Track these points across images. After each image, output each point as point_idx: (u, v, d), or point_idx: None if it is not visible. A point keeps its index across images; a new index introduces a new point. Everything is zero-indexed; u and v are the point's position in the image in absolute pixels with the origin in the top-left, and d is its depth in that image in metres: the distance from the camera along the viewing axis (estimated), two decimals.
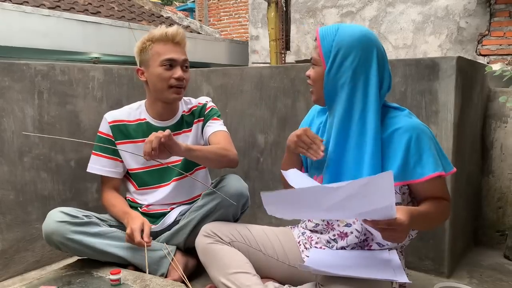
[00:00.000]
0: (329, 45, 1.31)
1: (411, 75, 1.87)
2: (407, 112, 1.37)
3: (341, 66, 1.30)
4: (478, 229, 2.30)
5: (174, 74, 1.70)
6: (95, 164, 1.79)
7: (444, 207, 1.34)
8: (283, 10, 5.76)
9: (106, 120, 1.80)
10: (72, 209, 1.65)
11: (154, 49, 1.71)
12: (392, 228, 1.13)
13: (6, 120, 1.86)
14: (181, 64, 1.72)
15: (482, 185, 2.30)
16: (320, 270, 1.25)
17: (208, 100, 1.91)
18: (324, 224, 1.46)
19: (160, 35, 1.71)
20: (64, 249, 1.62)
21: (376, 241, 1.37)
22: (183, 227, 1.71)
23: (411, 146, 1.28)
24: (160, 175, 1.81)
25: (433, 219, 1.31)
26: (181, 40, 1.74)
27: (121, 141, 1.79)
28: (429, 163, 1.28)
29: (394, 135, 1.30)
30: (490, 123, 2.27)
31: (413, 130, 1.29)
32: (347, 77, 1.31)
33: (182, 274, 1.60)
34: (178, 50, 1.72)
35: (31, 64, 1.95)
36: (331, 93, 1.34)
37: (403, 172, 1.28)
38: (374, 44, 1.33)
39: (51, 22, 6.71)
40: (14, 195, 1.90)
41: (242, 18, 11.73)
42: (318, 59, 1.34)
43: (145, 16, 9.70)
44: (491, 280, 1.85)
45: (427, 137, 1.31)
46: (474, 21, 5.73)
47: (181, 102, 1.88)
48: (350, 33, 1.31)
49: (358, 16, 6.62)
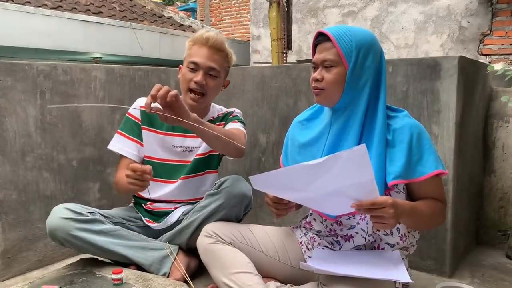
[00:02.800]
0: (348, 45, 1.28)
1: (412, 75, 1.87)
2: (406, 113, 1.38)
3: (363, 65, 1.30)
4: (480, 229, 2.30)
5: (194, 77, 1.71)
6: (118, 143, 1.80)
7: (438, 208, 1.34)
8: (285, 10, 5.76)
9: (138, 104, 1.83)
10: (76, 206, 1.66)
11: (191, 49, 1.75)
12: (378, 209, 1.14)
13: (9, 120, 1.87)
14: (205, 70, 1.72)
15: (484, 184, 2.29)
16: (322, 269, 1.25)
17: (237, 110, 1.93)
18: (326, 231, 1.46)
19: (198, 36, 1.74)
20: (68, 245, 1.63)
21: (385, 241, 1.37)
22: (185, 227, 1.72)
23: (413, 145, 1.29)
24: (171, 170, 1.82)
25: (425, 216, 1.30)
26: (215, 46, 1.72)
27: (146, 127, 1.81)
28: (429, 161, 1.29)
29: (395, 135, 1.31)
30: (492, 122, 2.27)
31: (414, 129, 1.30)
32: (368, 76, 1.31)
33: (184, 274, 1.60)
34: (209, 56, 1.71)
35: (33, 64, 1.95)
36: (351, 93, 1.32)
37: (406, 171, 1.28)
38: (380, 46, 1.35)
39: (53, 22, 6.72)
40: (16, 194, 1.90)
41: (243, 18, 11.73)
42: (336, 59, 1.30)
43: (147, 16, 9.71)
44: (493, 279, 1.85)
45: (427, 135, 1.32)
46: (476, 21, 5.72)
47: (214, 109, 1.90)
48: (363, 34, 1.31)
49: (359, 15, 6.62)
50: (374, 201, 1.14)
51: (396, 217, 1.17)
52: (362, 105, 1.32)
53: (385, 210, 1.14)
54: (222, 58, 1.77)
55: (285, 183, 1.24)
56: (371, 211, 1.16)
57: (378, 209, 1.15)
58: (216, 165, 1.90)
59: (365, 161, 1.09)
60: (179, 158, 1.83)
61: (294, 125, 1.58)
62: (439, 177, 1.34)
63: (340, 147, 1.37)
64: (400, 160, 1.28)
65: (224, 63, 1.78)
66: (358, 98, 1.33)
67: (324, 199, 1.25)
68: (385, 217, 1.15)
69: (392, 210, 1.15)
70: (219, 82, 1.79)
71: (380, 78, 1.33)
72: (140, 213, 1.85)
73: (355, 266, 1.29)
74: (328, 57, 1.31)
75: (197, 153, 1.83)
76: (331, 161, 1.12)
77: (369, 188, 1.14)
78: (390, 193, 1.32)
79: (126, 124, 1.82)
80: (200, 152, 1.83)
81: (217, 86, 1.78)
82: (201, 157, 1.83)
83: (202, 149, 1.83)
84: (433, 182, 1.32)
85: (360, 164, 1.10)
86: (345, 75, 1.30)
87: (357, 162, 1.10)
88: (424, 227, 1.39)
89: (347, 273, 1.22)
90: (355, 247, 1.39)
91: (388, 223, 1.16)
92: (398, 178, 1.27)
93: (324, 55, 1.32)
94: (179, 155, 1.83)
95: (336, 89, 1.32)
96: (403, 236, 1.35)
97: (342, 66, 1.30)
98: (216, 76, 1.75)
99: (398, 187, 1.32)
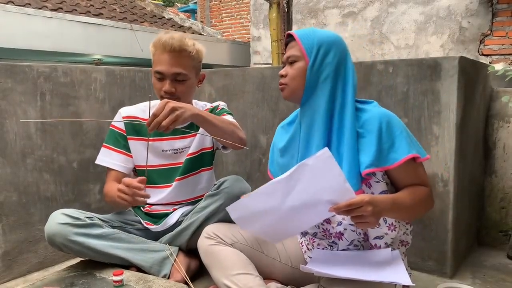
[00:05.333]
0: (310, 42, 1.36)
1: (413, 75, 1.87)
2: (375, 103, 1.41)
3: (323, 60, 1.35)
4: (481, 229, 2.29)
5: (163, 87, 1.68)
6: (105, 156, 1.78)
7: (423, 193, 1.33)
8: (285, 11, 5.75)
9: (120, 115, 1.81)
10: (74, 211, 1.65)
11: (154, 56, 1.71)
12: (356, 209, 1.15)
13: (9, 121, 1.87)
14: (172, 77, 1.67)
15: (485, 185, 2.29)
16: (322, 272, 1.25)
17: (221, 103, 1.91)
18: (320, 231, 1.46)
19: (156, 42, 1.69)
20: (67, 250, 1.62)
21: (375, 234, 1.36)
22: (185, 228, 1.71)
23: (383, 132, 1.30)
24: (165, 174, 1.81)
25: (409, 205, 1.29)
26: (174, 50, 1.65)
27: (132, 136, 1.79)
28: (401, 147, 1.29)
29: (365, 126, 1.33)
30: (492, 123, 2.27)
31: (383, 117, 1.32)
32: (329, 71, 1.36)
33: (184, 275, 1.60)
34: (171, 62, 1.65)
35: (33, 65, 1.95)
36: (312, 87, 1.37)
37: (378, 158, 1.29)
38: (346, 47, 1.41)
39: (53, 24, 6.72)
40: (16, 196, 1.90)
41: (243, 19, 11.73)
42: (298, 55, 1.38)
43: (147, 17, 9.72)
44: (494, 280, 1.85)
45: (397, 123, 1.33)
46: (476, 21, 5.72)
47: (197, 106, 1.88)
48: (327, 34, 1.40)
49: (359, 16, 6.61)
50: (350, 202, 1.15)
51: (376, 214, 1.17)
52: (324, 99, 1.36)
53: (362, 209, 1.15)
54: (186, 59, 1.68)
55: (263, 205, 1.23)
56: (350, 212, 1.16)
57: (356, 209, 1.16)
58: (210, 162, 1.90)
59: (332, 163, 1.12)
60: (171, 161, 1.82)
61: (277, 131, 1.61)
62: (417, 161, 1.33)
63: (310, 144, 1.39)
64: (371, 149, 1.29)
65: (190, 62, 1.70)
66: (320, 93, 1.37)
67: (304, 213, 1.25)
68: (365, 215, 1.16)
69: (370, 207, 1.15)
70: (190, 83, 1.73)
71: (345, 75, 1.37)
72: (139, 216, 1.84)
73: (355, 268, 1.29)
74: (292, 53, 1.39)
75: (189, 152, 1.82)
76: (299, 171, 1.14)
77: (342, 189, 1.15)
78: (370, 183, 1.32)
79: (111, 136, 1.79)
80: (192, 151, 1.82)
81: (189, 87, 1.73)
82: (193, 156, 1.82)
83: (193, 148, 1.82)
84: (411, 167, 1.32)
85: (328, 168, 1.12)
86: (306, 70, 1.36)
87: (324, 166, 1.12)
88: (412, 216, 1.37)
89: (347, 276, 1.22)
90: (350, 243, 1.39)
91: (369, 221, 1.17)
92: (371, 167, 1.28)
93: (289, 52, 1.41)
94: (171, 158, 1.82)
95: (298, 83, 1.38)
96: (390, 225, 1.35)
97: (304, 61, 1.37)
98: (185, 80, 1.70)
99: (376, 176, 1.32)
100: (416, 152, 1.31)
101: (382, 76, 1.94)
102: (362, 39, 6.55)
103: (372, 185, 1.32)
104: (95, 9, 8.43)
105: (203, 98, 2.48)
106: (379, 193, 1.31)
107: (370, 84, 1.97)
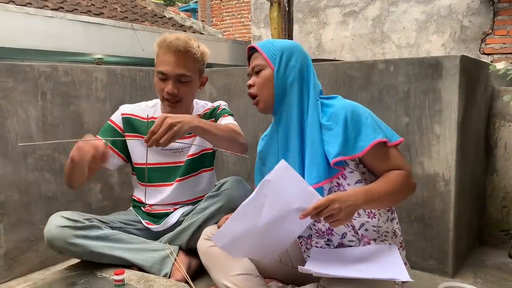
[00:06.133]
0: (272, 50, 1.41)
1: (414, 74, 1.86)
2: (339, 97, 1.43)
3: (288, 64, 1.40)
4: (483, 229, 2.29)
5: (165, 88, 1.67)
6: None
7: (398, 177, 1.31)
8: (286, 10, 5.74)
9: (120, 111, 1.81)
10: (73, 213, 1.64)
11: (158, 56, 1.70)
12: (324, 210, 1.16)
13: (10, 121, 1.87)
14: (175, 78, 1.66)
15: (486, 184, 2.29)
16: (320, 272, 1.25)
17: (222, 103, 1.91)
18: (314, 232, 1.46)
19: (161, 42, 1.68)
20: (67, 253, 1.61)
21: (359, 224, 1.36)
22: (185, 228, 1.71)
23: (348, 122, 1.31)
24: (164, 173, 1.81)
25: (386, 192, 1.28)
26: (179, 51, 1.64)
27: (129, 134, 1.79)
28: (367, 134, 1.31)
29: (332, 119, 1.34)
30: (494, 122, 2.26)
31: (347, 108, 1.33)
32: (295, 74, 1.39)
33: (185, 275, 1.60)
34: (175, 63, 1.65)
35: (34, 65, 1.95)
36: (281, 93, 1.40)
37: (344, 148, 1.30)
38: (306, 52, 1.46)
39: (54, 24, 6.72)
40: (18, 196, 1.90)
41: (244, 18, 11.73)
42: (263, 63, 1.41)
43: (148, 17, 9.71)
44: (495, 279, 1.84)
45: (362, 111, 1.34)
46: (478, 20, 5.71)
47: (198, 106, 1.88)
48: (286, 41, 1.46)
49: (361, 15, 6.60)
50: (316, 205, 1.16)
51: (347, 209, 1.18)
52: (295, 101, 1.39)
53: (329, 208, 1.16)
54: (191, 60, 1.68)
55: (241, 229, 1.26)
56: (319, 214, 1.17)
57: (324, 210, 1.17)
58: (210, 163, 1.90)
59: (291, 173, 1.18)
60: (171, 160, 1.81)
61: (259, 143, 1.64)
62: (388, 146, 1.33)
63: (289, 148, 1.42)
64: (337, 139, 1.30)
65: (194, 64, 1.70)
66: (289, 98, 1.40)
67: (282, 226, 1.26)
68: (335, 214, 1.17)
69: (337, 205, 1.16)
70: (193, 85, 1.72)
71: (308, 76, 1.41)
72: (139, 216, 1.84)
73: (353, 266, 1.28)
74: (257, 63, 1.43)
75: (189, 153, 1.82)
76: (263, 188, 1.19)
77: (307, 194, 1.19)
78: (345, 175, 1.33)
79: (106, 130, 1.77)
80: (192, 152, 1.82)
81: (191, 89, 1.72)
82: (194, 157, 1.82)
83: (193, 149, 1.82)
84: (381, 152, 1.32)
85: (288, 178, 1.18)
86: (272, 76, 1.40)
87: (285, 177, 1.17)
88: (392, 202, 1.36)
89: (346, 275, 1.22)
90: (342, 237, 1.39)
91: (340, 218, 1.18)
92: (338, 156, 1.29)
93: (253, 63, 1.44)
94: (171, 157, 1.81)
95: (267, 91, 1.41)
96: (370, 213, 1.35)
97: (269, 69, 1.41)
98: (188, 81, 1.69)
99: (350, 166, 1.33)
100: (384, 137, 1.31)
101: (383, 75, 1.94)
102: (363, 38, 6.54)
103: (347, 176, 1.34)
104: (96, 9, 8.43)
105: (204, 98, 2.47)
106: (354, 182, 1.33)
107: (371, 83, 1.97)
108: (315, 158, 1.33)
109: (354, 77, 2.01)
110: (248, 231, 1.26)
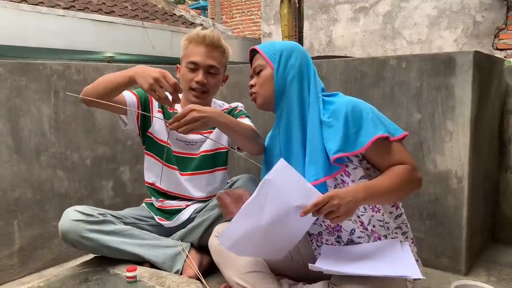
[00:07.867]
0: (272, 50, 1.45)
1: (426, 71, 1.85)
2: (340, 94, 1.44)
3: (287, 63, 1.43)
4: (496, 226, 2.26)
5: (195, 77, 1.72)
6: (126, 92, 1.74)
7: (401, 172, 1.29)
8: (296, 6, 5.71)
9: None
10: (87, 208, 1.66)
11: (187, 49, 1.75)
12: (324, 207, 1.16)
13: (23, 119, 1.89)
14: (205, 69, 1.73)
15: (500, 181, 2.26)
16: (331, 270, 1.24)
17: (240, 104, 1.93)
18: (324, 229, 1.45)
19: (193, 35, 1.74)
20: (80, 247, 1.63)
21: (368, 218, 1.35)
22: (197, 225, 1.72)
23: (349, 118, 1.31)
24: (180, 161, 1.82)
25: (389, 188, 1.26)
26: (213, 43, 1.73)
27: (161, 110, 1.82)
28: (368, 130, 1.30)
29: (333, 115, 1.35)
30: (508, 118, 2.23)
31: (348, 104, 1.33)
32: (294, 73, 1.42)
33: (197, 271, 1.61)
34: (207, 54, 1.72)
35: (47, 64, 1.97)
36: (281, 90, 1.43)
37: (345, 144, 1.29)
38: (306, 52, 1.49)
39: (66, 22, 6.77)
40: (31, 193, 1.93)
41: (254, 15, 11.70)
42: (263, 63, 1.45)
43: (158, 15, 9.75)
44: (509, 277, 1.82)
45: (362, 107, 1.34)
46: (491, 15, 5.63)
47: (215, 105, 1.90)
48: (285, 42, 1.50)
49: (371, 11, 6.55)
50: (315, 202, 1.17)
51: (347, 205, 1.17)
52: (295, 99, 1.41)
53: (329, 204, 1.16)
54: (220, 55, 1.77)
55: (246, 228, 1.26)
56: (319, 211, 1.17)
57: (324, 207, 1.16)
58: (224, 162, 1.90)
59: (291, 171, 1.20)
60: (185, 151, 1.83)
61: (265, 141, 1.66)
62: (391, 141, 1.31)
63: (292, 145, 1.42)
64: (337, 135, 1.30)
65: (222, 59, 1.79)
66: (289, 94, 1.42)
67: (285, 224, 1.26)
68: (334, 210, 1.17)
69: (336, 201, 1.16)
70: (219, 79, 1.80)
71: (308, 74, 1.43)
72: (152, 212, 1.85)
73: (364, 263, 1.28)
74: (257, 64, 1.48)
75: (204, 149, 1.83)
76: (263, 187, 1.20)
77: (306, 192, 1.20)
78: (348, 171, 1.33)
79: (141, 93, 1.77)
80: (207, 148, 1.83)
81: (218, 83, 1.79)
82: (208, 154, 1.83)
83: (209, 146, 1.83)
84: (384, 147, 1.31)
85: (288, 176, 1.19)
86: (272, 75, 1.43)
87: (284, 176, 1.19)
88: (396, 197, 1.34)
89: (357, 272, 1.21)
90: (350, 233, 1.38)
91: (340, 214, 1.17)
92: (339, 152, 1.28)
93: (255, 64, 1.49)
94: (185, 148, 1.83)
95: (267, 89, 1.44)
96: (374, 207, 1.34)
97: (269, 68, 1.44)
98: (216, 74, 1.76)
99: (353, 163, 1.33)
100: (385, 132, 1.30)
101: (395, 71, 1.92)
102: (374, 35, 6.49)
103: (351, 173, 1.34)
104: (106, 7, 8.48)
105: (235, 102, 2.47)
106: (358, 178, 1.33)
107: (383, 80, 1.95)
108: (315, 155, 1.34)
109: (365, 73, 2.00)
110: (252, 230, 1.26)
